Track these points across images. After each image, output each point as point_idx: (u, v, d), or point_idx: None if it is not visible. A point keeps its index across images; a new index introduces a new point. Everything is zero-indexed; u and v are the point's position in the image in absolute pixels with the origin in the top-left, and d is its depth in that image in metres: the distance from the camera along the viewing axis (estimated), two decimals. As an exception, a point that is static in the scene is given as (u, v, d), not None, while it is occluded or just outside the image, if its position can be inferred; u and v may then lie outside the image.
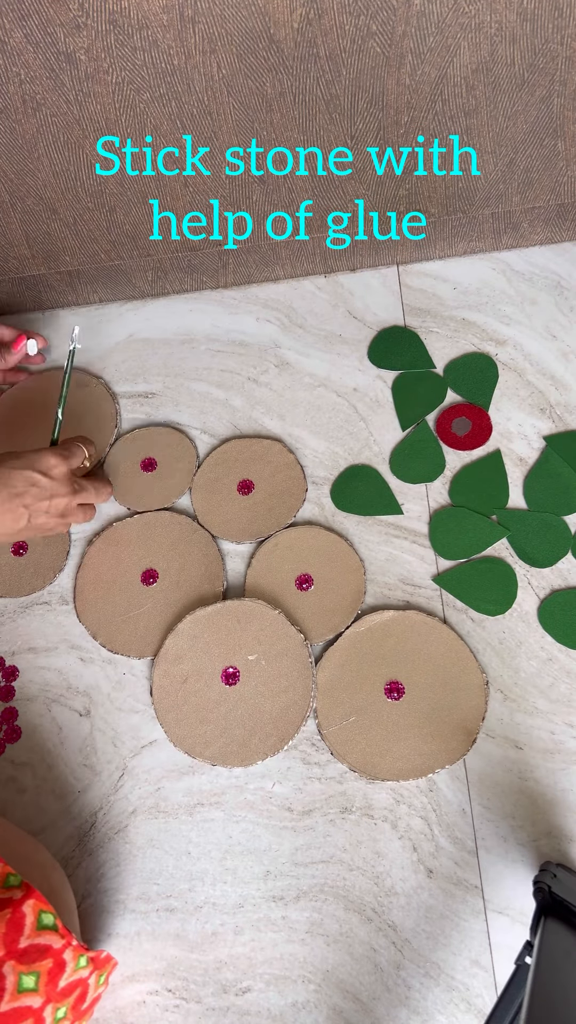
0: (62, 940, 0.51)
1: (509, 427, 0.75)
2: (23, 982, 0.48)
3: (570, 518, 0.70)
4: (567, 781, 0.62)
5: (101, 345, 0.85)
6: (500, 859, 0.61)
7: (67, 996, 0.51)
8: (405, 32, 0.59)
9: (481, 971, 0.58)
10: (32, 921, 0.51)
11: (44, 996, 0.49)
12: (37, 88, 0.61)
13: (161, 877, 0.64)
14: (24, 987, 0.48)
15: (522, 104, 0.66)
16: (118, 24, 0.56)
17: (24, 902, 0.51)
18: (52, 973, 0.50)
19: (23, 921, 0.50)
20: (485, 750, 0.64)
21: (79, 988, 0.53)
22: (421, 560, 0.71)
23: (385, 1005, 0.58)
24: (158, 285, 0.85)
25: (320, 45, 0.59)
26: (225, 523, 0.74)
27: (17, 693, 0.70)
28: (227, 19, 0.57)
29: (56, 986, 0.50)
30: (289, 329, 0.82)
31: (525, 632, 0.67)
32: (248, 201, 0.73)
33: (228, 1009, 0.59)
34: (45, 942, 0.50)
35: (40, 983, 0.49)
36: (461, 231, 0.80)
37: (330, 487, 0.74)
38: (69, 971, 0.51)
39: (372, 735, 0.64)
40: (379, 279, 0.83)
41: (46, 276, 0.82)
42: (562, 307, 0.79)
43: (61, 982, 0.51)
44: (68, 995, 0.52)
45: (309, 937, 0.61)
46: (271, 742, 0.65)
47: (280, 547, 0.72)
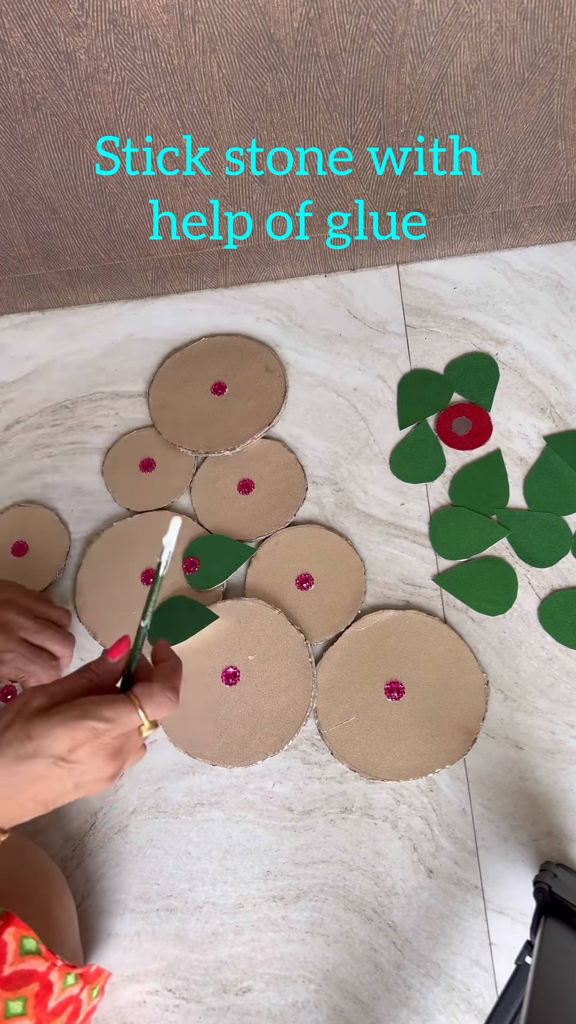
0: (46, 963, 0.50)
1: (509, 427, 0.75)
2: (10, 1008, 0.48)
3: (570, 518, 0.70)
4: (567, 781, 0.62)
5: (101, 345, 0.85)
6: (500, 859, 0.61)
7: (58, 1015, 0.51)
8: (405, 31, 0.59)
9: (481, 971, 0.58)
10: (15, 948, 0.50)
11: (34, 1018, 0.49)
12: (37, 88, 0.61)
13: (161, 877, 0.63)
14: (11, 1012, 0.48)
15: (522, 103, 0.66)
16: (118, 24, 0.56)
17: (4, 930, 0.50)
18: (40, 996, 0.50)
19: (5, 949, 0.49)
20: (485, 750, 0.64)
21: (71, 1005, 0.53)
22: (421, 560, 0.71)
23: (385, 1005, 0.58)
24: (158, 285, 0.85)
25: (320, 44, 0.59)
26: (225, 523, 0.74)
27: (18, 693, 0.70)
28: (227, 18, 0.57)
29: (45, 1007, 0.50)
30: (289, 329, 0.82)
31: (525, 632, 0.67)
32: (248, 201, 0.73)
33: (228, 1009, 0.59)
34: (29, 967, 0.50)
35: (28, 1006, 0.49)
36: (461, 231, 0.80)
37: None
38: (57, 991, 0.51)
39: (372, 735, 0.64)
40: (379, 279, 0.83)
41: (46, 276, 0.82)
42: (562, 307, 0.79)
43: (50, 1003, 0.50)
44: (59, 1014, 0.51)
45: (309, 937, 0.61)
46: (271, 742, 0.65)
47: (280, 547, 0.72)
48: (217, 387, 0.80)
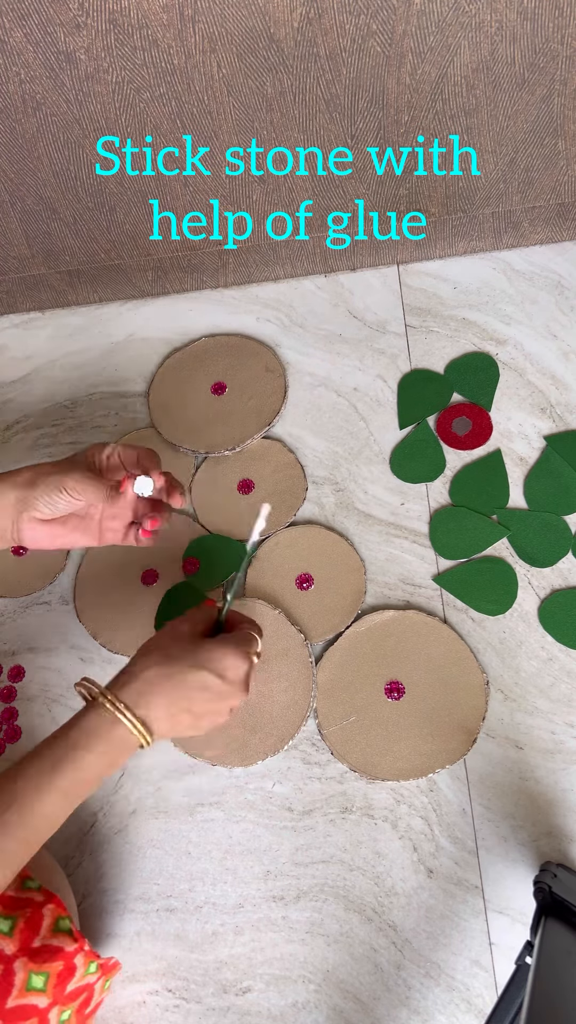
0: (75, 944, 0.52)
1: (509, 427, 0.75)
2: (32, 981, 0.49)
3: (570, 518, 0.70)
4: (567, 781, 0.62)
5: (101, 345, 0.85)
6: (500, 859, 0.61)
7: (73, 1000, 0.52)
8: (405, 31, 0.59)
9: (481, 971, 0.58)
10: (49, 923, 0.51)
11: (51, 998, 0.49)
12: (37, 88, 0.61)
13: (161, 877, 0.63)
14: (32, 986, 0.49)
15: (522, 103, 0.66)
16: (118, 24, 0.56)
17: (45, 905, 0.52)
18: (61, 976, 0.50)
19: (41, 922, 0.51)
20: (485, 750, 0.64)
21: (85, 993, 0.53)
22: (421, 560, 0.71)
23: (385, 1005, 0.58)
24: (158, 285, 0.85)
25: (320, 44, 0.59)
26: (225, 522, 0.74)
27: (18, 693, 0.70)
28: (227, 18, 0.57)
29: (64, 989, 0.50)
30: (289, 329, 0.82)
31: (525, 632, 0.67)
32: (248, 201, 0.73)
33: (228, 1009, 0.59)
34: (58, 944, 0.51)
35: (48, 984, 0.49)
36: (461, 230, 0.80)
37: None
38: (78, 976, 0.52)
39: (372, 735, 0.64)
40: (379, 279, 0.83)
41: (46, 276, 0.82)
42: (562, 306, 0.79)
43: (69, 986, 0.51)
44: (74, 999, 0.52)
45: (309, 937, 0.61)
46: (271, 742, 0.65)
47: (280, 546, 0.72)
48: (217, 387, 0.80)
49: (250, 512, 0.74)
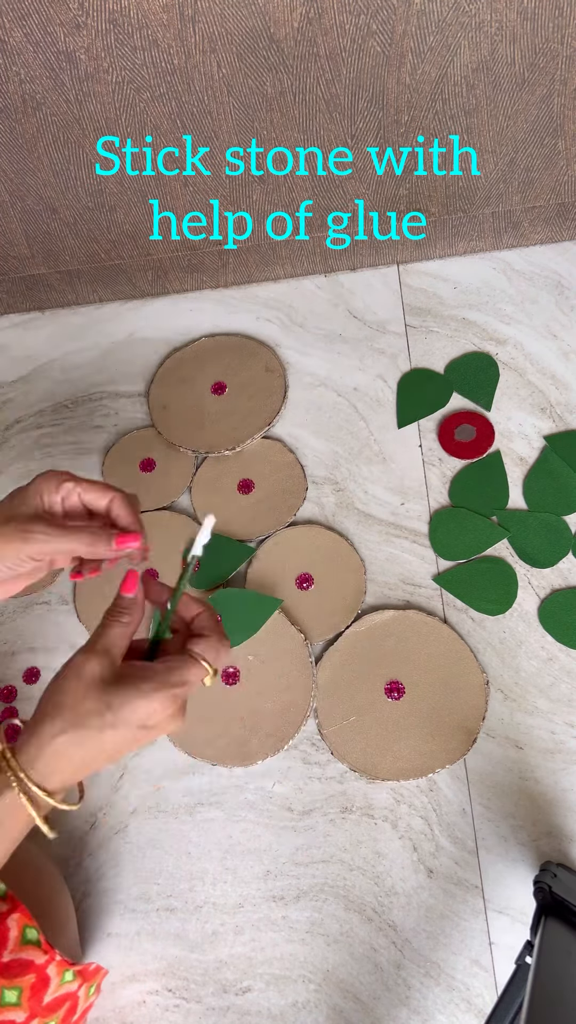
0: (45, 956, 0.51)
1: (509, 427, 0.75)
2: (5, 996, 0.48)
3: (570, 518, 0.70)
4: (567, 781, 0.62)
5: (101, 345, 0.85)
6: (500, 859, 0.61)
7: (54, 1011, 0.51)
8: (405, 31, 0.59)
9: (481, 971, 0.58)
10: (16, 935, 0.50)
11: (28, 1011, 0.49)
12: (37, 88, 0.61)
13: (161, 877, 0.63)
14: (6, 1001, 0.48)
15: (522, 103, 0.66)
16: (118, 23, 0.56)
17: (9, 916, 0.50)
18: (35, 988, 0.49)
19: (7, 935, 0.50)
20: (485, 750, 0.64)
21: (68, 1002, 0.53)
22: (421, 560, 0.71)
23: (385, 1005, 0.58)
24: (158, 285, 0.85)
25: (320, 44, 0.59)
26: (225, 522, 0.74)
27: (18, 693, 0.70)
28: (227, 18, 0.57)
29: (40, 1001, 0.50)
30: (289, 329, 0.82)
31: (525, 632, 0.67)
32: (248, 201, 0.73)
33: (228, 1009, 0.59)
34: (28, 957, 0.50)
35: (23, 998, 0.49)
36: (461, 230, 0.80)
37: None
38: (54, 986, 0.51)
39: (372, 735, 0.64)
40: (379, 278, 0.83)
41: (46, 276, 0.82)
42: (562, 306, 0.79)
43: (46, 997, 0.50)
44: (56, 1010, 0.51)
45: (309, 937, 0.61)
46: (271, 742, 0.65)
47: (280, 546, 0.72)
48: (217, 387, 0.80)
49: (250, 512, 0.74)
